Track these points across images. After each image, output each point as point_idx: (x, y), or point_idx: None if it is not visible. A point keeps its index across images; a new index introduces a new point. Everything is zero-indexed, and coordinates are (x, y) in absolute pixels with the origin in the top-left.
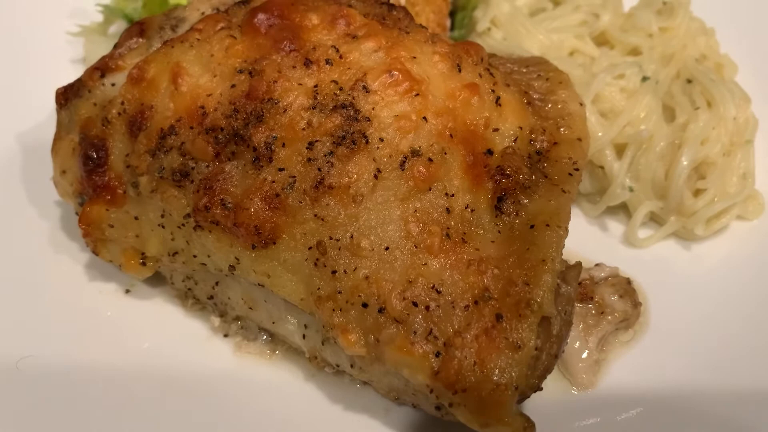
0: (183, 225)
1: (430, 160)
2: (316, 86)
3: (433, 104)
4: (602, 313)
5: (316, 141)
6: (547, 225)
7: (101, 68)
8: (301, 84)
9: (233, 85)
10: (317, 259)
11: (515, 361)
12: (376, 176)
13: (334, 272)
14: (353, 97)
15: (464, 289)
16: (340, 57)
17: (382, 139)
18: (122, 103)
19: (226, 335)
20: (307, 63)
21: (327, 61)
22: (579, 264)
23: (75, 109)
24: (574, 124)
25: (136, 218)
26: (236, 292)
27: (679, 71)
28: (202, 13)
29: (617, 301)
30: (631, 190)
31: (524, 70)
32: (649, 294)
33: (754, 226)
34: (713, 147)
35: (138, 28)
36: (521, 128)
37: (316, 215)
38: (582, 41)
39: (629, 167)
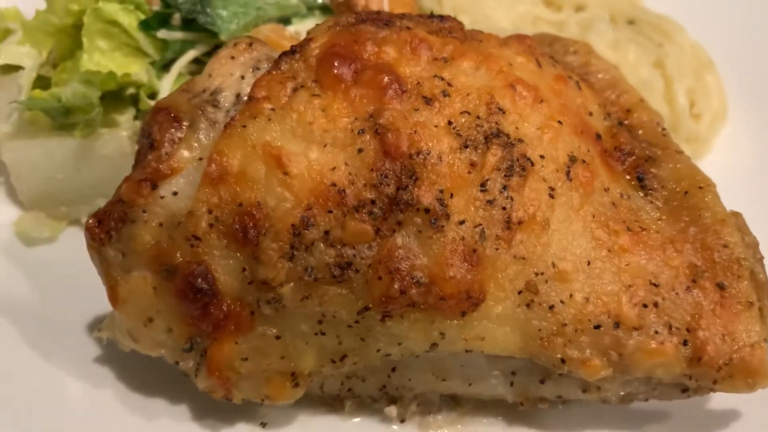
0: (356, 322)
1: (584, 161)
2: (450, 123)
3: (554, 106)
4: None
5: (487, 180)
6: (700, 187)
7: (149, 179)
8: (436, 126)
9: (360, 150)
10: (531, 301)
11: (754, 318)
12: (552, 195)
13: (551, 307)
14: (497, 123)
15: (675, 273)
16: (450, 85)
17: (543, 156)
18: (210, 212)
19: (403, 420)
20: (428, 101)
21: (443, 93)
22: (739, 213)
23: (131, 240)
24: (626, 89)
25: (277, 338)
26: (420, 371)
27: (611, 14)
28: (241, 77)
29: None
30: None
31: (548, 49)
32: None
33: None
34: (689, 76)
35: (167, 116)
36: (599, 106)
37: (515, 256)
38: (537, 8)
39: None
